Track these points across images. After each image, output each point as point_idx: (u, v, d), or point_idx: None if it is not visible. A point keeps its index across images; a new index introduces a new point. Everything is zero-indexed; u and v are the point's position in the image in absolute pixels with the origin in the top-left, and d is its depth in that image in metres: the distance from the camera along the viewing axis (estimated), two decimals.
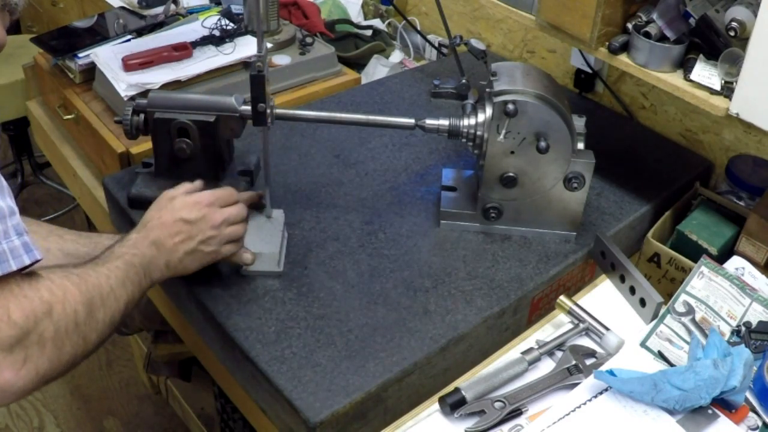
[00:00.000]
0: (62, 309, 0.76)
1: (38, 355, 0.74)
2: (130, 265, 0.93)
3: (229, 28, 1.67)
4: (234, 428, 1.53)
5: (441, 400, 0.96)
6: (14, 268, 0.71)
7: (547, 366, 1.03)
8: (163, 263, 1.00)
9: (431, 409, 0.98)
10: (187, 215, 1.03)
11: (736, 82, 1.06)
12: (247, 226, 1.11)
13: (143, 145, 1.44)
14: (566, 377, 1.00)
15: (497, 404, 0.96)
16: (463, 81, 1.21)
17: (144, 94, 1.36)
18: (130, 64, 1.52)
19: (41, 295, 0.74)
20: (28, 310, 0.72)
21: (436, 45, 2.02)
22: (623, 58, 1.21)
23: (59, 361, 0.77)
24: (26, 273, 0.75)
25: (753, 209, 1.26)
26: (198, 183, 1.11)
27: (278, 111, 1.18)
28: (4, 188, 0.76)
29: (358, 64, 1.93)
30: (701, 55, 1.16)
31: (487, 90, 1.16)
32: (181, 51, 1.58)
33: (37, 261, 0.75)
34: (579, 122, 1.19)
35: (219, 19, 1.68)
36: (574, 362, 1.02)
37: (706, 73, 1.13)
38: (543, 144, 1.13)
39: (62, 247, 1.07)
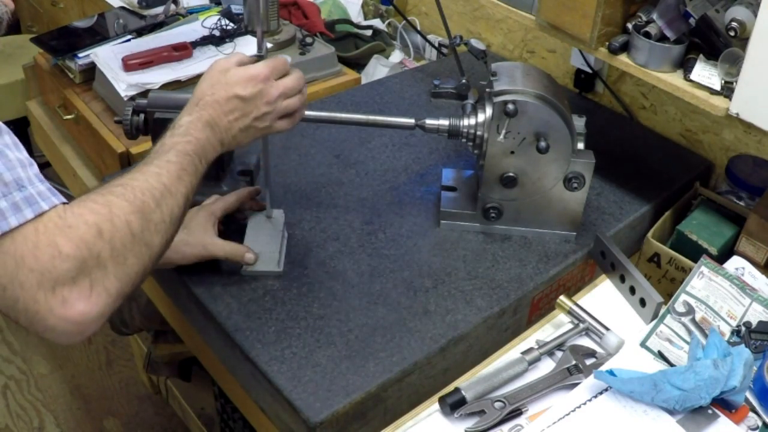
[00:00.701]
0: (111, 225, 0.75)
1: (103, 277, 0.73)
2: (184, 154, 0.89)
3: (229, 28, 1.67)
4: (234, 428, 1.53)
5: (441, 400, 0.96)
6: (46, 207, 0.71)
7: (547, 366, 1.03)
8: (217, 142, 0.95)
9: (431, 409, 0.98)
10: (243, 91, 0.97)
11: (736, 82, 1.06)
12: (305, 97, 1.05)
13: (143, 145, 1.44)
14: (566, 377, 1.00)
15: (497, 404, 0.96)
16: (463, 81, 1.21)
17: (144, 94, 1.36)
18: (130, 64, 1.52)
19: (86, 219, 0.73)
20: (77, 239, 0.71)
21: (436, 45, 2.02)
22: (623, 58, 1.21)
23: (127, 275, 0.76)
24: (65, 205, 0.75)
25: (753, 209, 1.26)
26: (249, 56, 1.05)
27: None
28: (19, 144, 0.76)
29: (358, 64, 1.93)
30: (701, 55, 1.16)
31: (487, 90, 1.16)
32: (181, 51, 1.58)
33: (64, 203, 0.74)
34: (579, 122, 1.19)
35: (219, 19, 1.69)
36: (574, 362, 1.02)
37: (706, 73, 1.13)
38: (543, 144, 1.13)
39: None
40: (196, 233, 1.12)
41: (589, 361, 1.03)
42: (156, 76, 1.51)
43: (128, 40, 1.66)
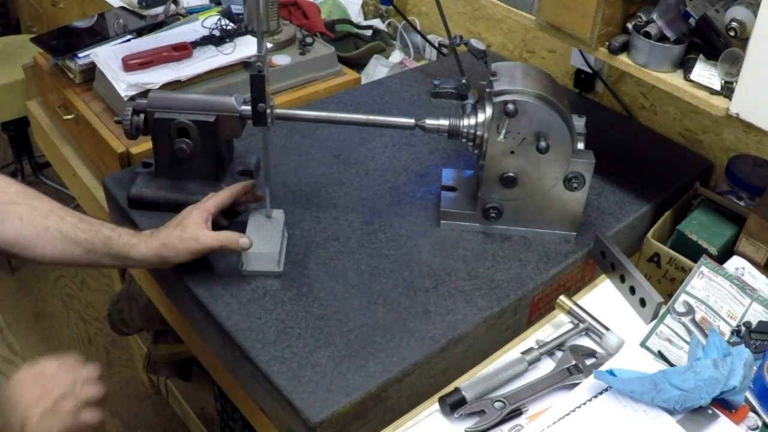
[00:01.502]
0: None
1: None
2: None
3: (229, 28, 1.67)
4: (234, 428, 1.53)
5: (441, 400, 0.96)
6: None
7: (547, 366, 1.03)
8: (18, 425, 0.90)
9: (431, 409, 0.98)
10: (33, 380, 0.95)
11: (736, 82, 1.06)
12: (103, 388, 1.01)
13: (143, 145, 1.44)
14: (566, 377, 1.00)
15: (497, 404, 0.96)
16: (463, 81, 1.21)
17: (144, 94, 1.36)
18: (130, 64, 1.52)
19: None
20: None
21: (436, 45, 2.02)
22: (623, 58, 1.21)
23: None
24: None
25: (753, 209, 1.26)
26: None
27: (278, 111, 1.18)
28: None
29: (358, 64, 1.93)
30: (701, 55, 1.16)
31: (487, 90, 1.16)
32: (181, 51, 1.58)
33: None
34: (579, 122, 1.19)
35: (219, 19, 1.69)
36: (574, 362, 1.02)
37: (706, 73, 1.13)
38: (543, 144, 1.13)
39: (61, 228, 1.06)
40: (190, 229, 1.11)
41: (589, 361, 1.03)
42: (156, 76, 1.51)
43: (128, 40, 1.66)
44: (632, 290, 1.14)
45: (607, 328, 1.07)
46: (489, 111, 1.14)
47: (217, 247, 1.12)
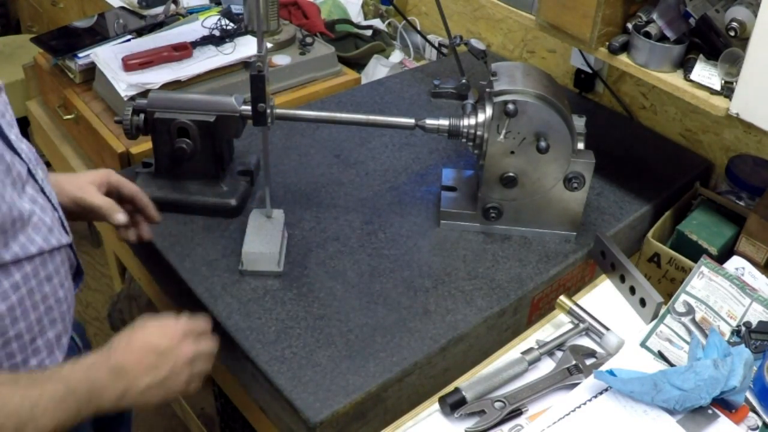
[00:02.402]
0: None
1: None
2: (71, 391, 0.83)
3: (229, 28, 1.67)
4: (234, 428, 1.53)
5: (441, 400, 0.96)
6: None
7: (547, 366, 1.03)
8: (119, 391, 0.88)
9: (431, 409, 0.98)
10: (158, 342, 0.93)
11: (736, 82, 1.06)
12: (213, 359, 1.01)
13: (143, 145, 1.44)
14: (566, 377, 1.00)
15: (497, 404, 0.96)
16: (463, 81, 1.21)
17: (144, 94, 1.36)
18: (130, 64, 1.52)
19: None
20: None
21: (436, 45, 2.02)
22: (623, 58, 1.21)
23: None
24: None
25: (753, 209, 1.26)
26: (180, 319, 1.00)
27: (278, 111, 1.18)
28: None
29: (358, 64, 1.93)
30: (701, 55, 1.16)
31: (487, 90, 1.16)
32: (181, 51, 1.58)
33: None
34: (579, 122, 1.19)
35: (219, 19, 1.69)
36: (574, 362, 1.02)
37: (706, 73, 1.13)
38: (543, 144, 1.13)
39: None
40: (83, 179, 1.09)
41: (589, 361, 1.03)
42: (156, 76, 1.51)
43: (128, 40, 1.66)
44: (632, 290, 1.14)
45: (607, 328, 1.06)
46: (489, 111, 1.14)
47: (96, 205, 1.07)
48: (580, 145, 1.18)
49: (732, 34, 1.08)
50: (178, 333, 0.95)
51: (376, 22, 2.12)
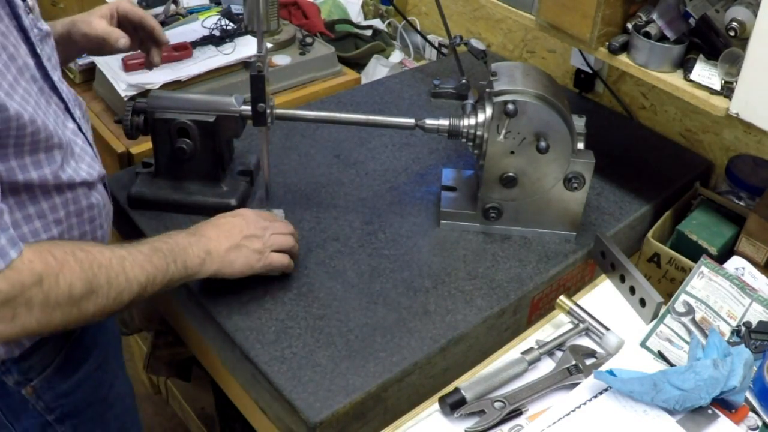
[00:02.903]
0: (54, 281, 0.81)
1: (26, 314, 0.79)
2: (155, 249, 0.94)
3: (229, 28, 1.67)
4: (234, 428, 1.53)
5: (441, 400, 0.96)
6: (1, 267, 0.76)
7: (547, 366, 1.03)
8: (204, 250, 1.01)
9: (431, 409, 0.98)
10: (232, 215, 1.08)
11: (736, 82, 1.06)
12: (296, 245, 1.13)
13: (143, 145, 1.44)
14: (566, 377, 1.00)
15: (497, 404, 0.95)
16: (463, 81, 1.21)
17: (144, 94, 1.36)
18: (130, 64, 1.52)
19: (33, 267, 0.79)
20: (14, 280, 0.77)
21: (436, 45, 2.02)
22: (623, 58, 1.21)
23: (49, 324, 0.82)
24: (35, 246, 0.81)
25: (753, 209, 1.26)
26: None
27: (278, 111, 1.18)
28: None
29: (358, 64, 1.93)
30: (701, 55, 1.16)
31: (487, 90, 1.16)
32: (181, 51, 1.58)
33: (21, 253, 0.79)
34: (579, 122, 1.19)
35: (219, 19, 1.69)
36: (574, 362, 1.02)
37: (706, 73, 1.13)
38: (543, 144, 1.13)
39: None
40: (92, 14, 1.21)
41: (589, 361, 1.03)
42: (156, 76, 1.51)
43: None
44: (632, 290, 1.14)
45: (607, 328, 1.06)
46: (489, 111, 1.14)
47: (100, 36, 1.19)
48: (580, 145, 1.18)
49: (732, 34, 1.08)
50: (247, 213, 1.09)
51: (376, 22, 2.12)
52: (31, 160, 0.85)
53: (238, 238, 1.04)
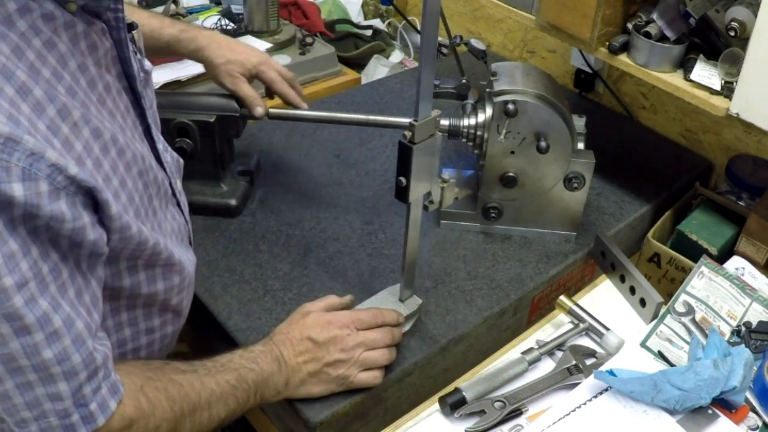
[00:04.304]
0: (144, 425, 0.75)
1: None
2: (242, 380, 0.87)
3: (229, 28, 1.67)
4: (234, 428, 1.53)
5: (441, 400, 0.96)
6: (101, 423, 0.70)
7: (547, 366, 1.03)
8: (282, 381, 0.91)
9: (431, 409, 0.98)
10: (316, 335, 0.94)
11: (736, 82, 1.06)
12: (394, 353, 0.99)
13: None
14: (566, 377, 1.00)
15: (497, 404, 0.95)
16: (463, 81, 1.21)
17: None
18: None
19: (125, 411, 0.72)
20: (105, 430, 0.71)
21: (436, 45, 2.02)
22: (623, 58, 1.21)
23: None
24: (129, 385, 0.74)
25: (753, 209, 1.26)
26: (346, 299, 1.03)
27: (278, 111, 1.18)
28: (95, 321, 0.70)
29: (358, 64, 1.93)
30: (701, 55, 1.16)
31: (487, 90, 1.16)
32: None
33: (121, 399, 0.72)
34: (579, 122, 1.19)
35: (219, 19, 1.69)
36: (574, 362, 1.01)
37: (706, 73, 1.13)
38: (543, 144, 1.13)
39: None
40: (234, 66, 1.20)
41: (589, 361, 1.03)
42: (156, 76, 1.51)
43: None
44: (632, 290, 1.14)
45: (607, 328, 1.06)
46: (489, 111, 1.14)
47: (242, 97, 1.20)
48: (580, 145, 1.18)
49: (732, 34, 1.08)
50: (337, 324, 0.96)
51: (376, 22, 2.12)
52: (146, 275, 0.80)
53: (319, 366, 0.93)
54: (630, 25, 1.20)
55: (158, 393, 0.77)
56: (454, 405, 0.95)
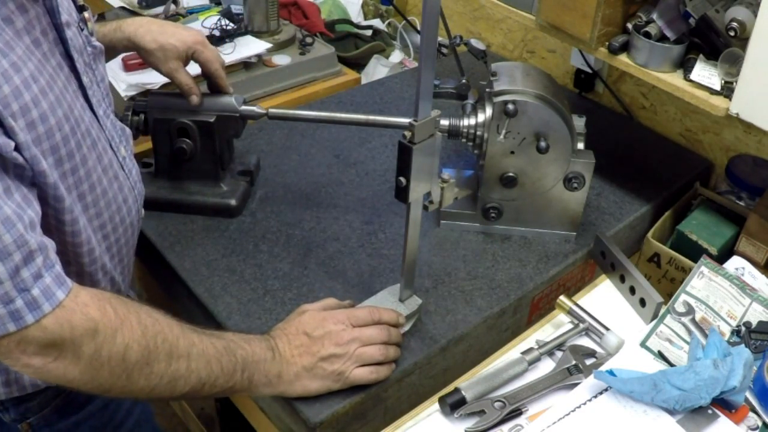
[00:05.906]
0: (111, 336, 0.74)
1: (70, 362, 0.73)
2: (230, 351, 0.86)
3: (229, 28, 1.66)
4: (234, 428, 1.53)
5: (441, 400, 0.96)
6: (47, 310, 0.70)
7: (547, 366, 1.03)
8: (275, 372, 0.91)
9: (431, 409, 0.98)
10: (311, 330, 0.95)
11: (736, 82, 1.06)
12: (394, 349, 0.99)
13: (143, 145, 1.44)
14: (566, 377, 1.00)
15: (497, 404, 0.95)
16: (463, 81, 1.21)
17: (144, 94, 1.36)
18: (130, 64, 1.52)
19: (88, 311, 0.72)
20: (63, 320, 0.71)
21: (436, 45, 2.02)
22: (623, 58, 1.21)
23: (90, 381, 0.76)
24: (78, 289, 0.74)
25: (753, 209, 1.26)
26: (344, 303, 1.03)
27: (278, 111, 1.18)
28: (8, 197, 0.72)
29: (358, 64, 1.93)
30: (701, 55, 1.16)
31: (487, 90, 1.16)
32: None
33: (70, 291, 0.73)
34: (579, 122, 1.19)
35: (219, 19, 1.68)
36: (574, 362, 1.01)
37: (706, 73, 1.13)
38: (543, 144, 1.13)
39: None
40: (170, 51, 1.17)
41: (589, 361, 1.03)
42: (156, 76, 1.50)
43: None
44: (632, 290, 1.14)
45: (607, 328, 1.06)
46: (489, 111, 1.14)
47: (178, 84, 1.19)
48: (580, 145, 1.18)
49: (732, 34, 1.08)
50: (332, 321, 0.96)
51: (376, 22, 2.12)
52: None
53: (314, 360, 0.93)
54: (630, 25, 1.20)
55: (128, 313, 0.76)
56: (454, 405, 0.95)
